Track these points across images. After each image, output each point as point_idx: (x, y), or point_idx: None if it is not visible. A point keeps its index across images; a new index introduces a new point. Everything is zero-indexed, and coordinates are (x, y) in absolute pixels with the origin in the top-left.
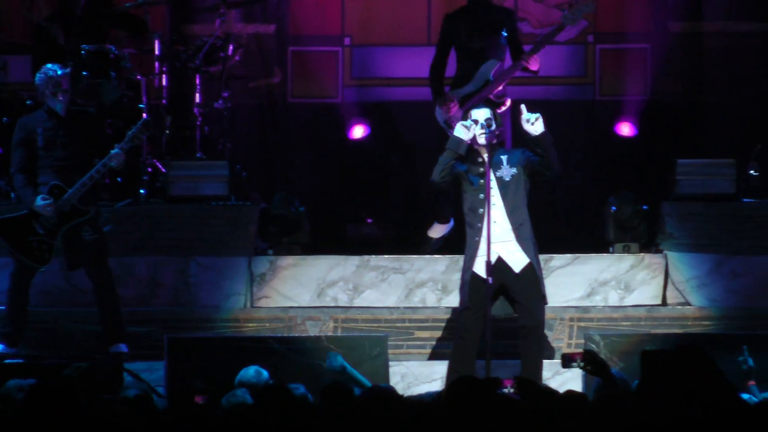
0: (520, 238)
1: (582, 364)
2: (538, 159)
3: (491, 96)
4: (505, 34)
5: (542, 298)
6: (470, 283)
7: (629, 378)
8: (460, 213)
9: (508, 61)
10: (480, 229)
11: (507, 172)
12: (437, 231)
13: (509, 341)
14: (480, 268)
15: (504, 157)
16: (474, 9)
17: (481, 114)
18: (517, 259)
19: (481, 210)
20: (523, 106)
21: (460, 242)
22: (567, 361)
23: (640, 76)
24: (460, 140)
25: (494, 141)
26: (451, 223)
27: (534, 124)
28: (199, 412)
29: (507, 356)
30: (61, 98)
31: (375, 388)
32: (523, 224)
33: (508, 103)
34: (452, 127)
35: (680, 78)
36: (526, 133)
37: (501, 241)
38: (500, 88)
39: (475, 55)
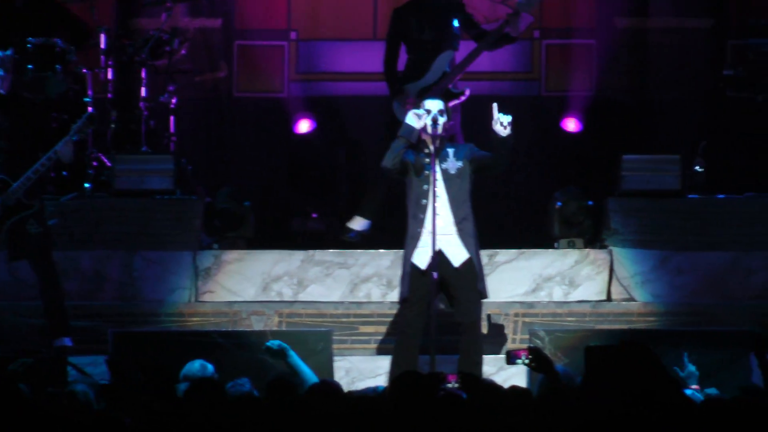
0: (461, 232)
1: (527, 360)
2: (491, 156)
3: (450, 86)
4: (457, 24)
5: (479, 295)
6: (410, 274)
7: (573, 374)
8: (404, 203)
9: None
10: (422, 221)
11: (453, 165)
12: (357, 224)
13: (454, 336)
14: (420, 260)
15: (451, 150)
16: (422, 1)
17: (434, 105)
18: (457, 254)
19: (425, 201)
20: (495, 106)
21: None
22: (511, 358)
23: (586, 71)
24: (412, 128)
25: (443, 133)
26: (369, 223)
27: (506, 127)
28: (139, 406)
29: (452, 351)
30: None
31: (320, 383)
32: (466, 218)
33: (468, 93)
34: None
35: (626, 74)
36: (493, 133)
37: (442, 234)
38: (458, 77)
39: (428, 48)
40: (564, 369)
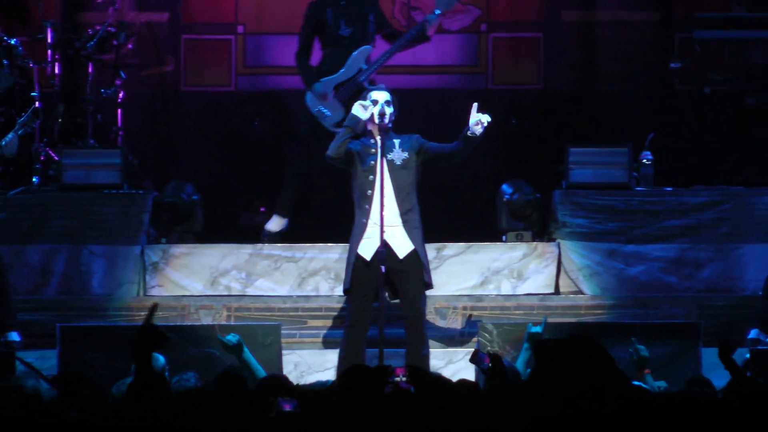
0: (407, 224)
1: (488, 367)
2: (452, 148)
3: (365, 83)
4: (372, 20)
5: (424, 287)
6: (354, 265)
7: (521, 368)
8: (350, 194)
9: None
10: (367, 211)
11: (398, 156)
12: (275, 224)
13: (402, 329)
14: (365, 251)
15: (397, 141)
16: None
17: (381, 96)
18: (403, 245)
19: (370, 192)
20: (475, 106)
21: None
22: (477, 360)
23: (533, 64)
24: (357, 119)
25: (389, 124)
26: (287, 221)
27: (482, 128)
28: (88, 401)
29: (400, 345)
30: None
31: (269, 377)
32: (411, 210)
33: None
34: (326, 117)
35: (573, 67)
36: (468, 130)
37: (388, 225)
38: (374, 73)
39: (344, 43)
40: (509, 363)
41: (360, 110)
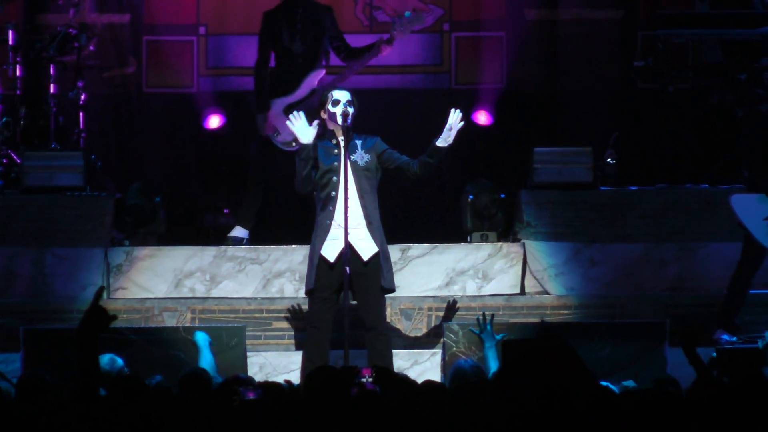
0: (370, 226)
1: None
2: (416, 165)
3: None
4: (327, 34)
5: (384, 291)
6: (318, 266)
7: (485, 367)
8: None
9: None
10: (331, 213)
11: (361, 157)
12: (238, 232)
13: None
14: (328, 252)
15: (359, 142)
16: (293, 8)
17: (342, 95)
18: (366, 247)
19: (333, 193)
20: (458, 114)
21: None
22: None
23: (497, 63)
24: (307, 146)
25: (350, 124)
26: (247, 234)
27: (452, 138)
28: (49, 403)
29: (365, 346)
30: None
31: (233, 378)
32: (374, 212)
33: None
34: (279, 134)
35: (536, 66)
36: (438, 140)
37: (352, 227)
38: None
39: (298, 61)
40: (474, 363)
41: (303, 134)
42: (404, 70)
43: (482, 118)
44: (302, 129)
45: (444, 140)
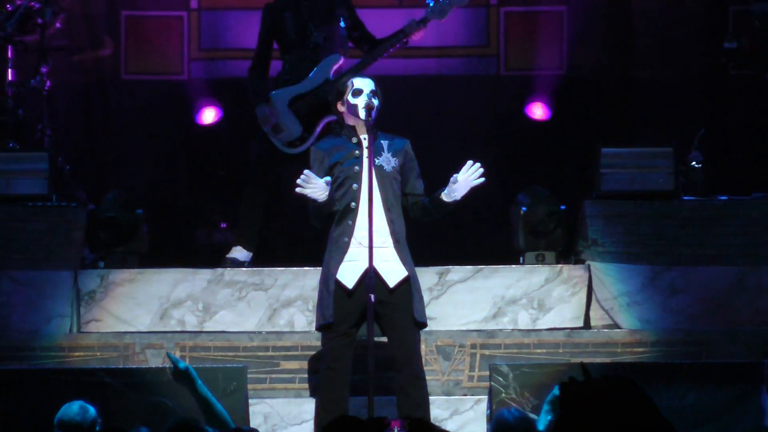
0: (398, 245)
1: None
2: (421, 205)
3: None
4: (343, 24)
5: (418, 324)
6: (335, 294)
7: (537, 416)
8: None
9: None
10: (350, 228)
11: (387, 161)
12: (238, 254)
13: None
14: (346, 277)
15: (385, 143)
16: None
17: (365, 84)
18: (394, 270)
19: (354, 204)
20: (477, 169)
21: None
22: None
23: (555, 45)
24: (316, 199)
25: (373, 122)
26: (250, 256)
27: (460, 195)
28: None
29: (395, 391)
30: None
31: (234, 430)
32: (402, 228)
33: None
34: (281, 131)
35: (604, 48)
36: (444, 193)
37: (376, 246)
38: None
39: (308, 51)
40: (519, 413)
41: (319, 196)
42: (442, 52)
43: (537, 111)
44: (317, 190)
45: (449, 195)
